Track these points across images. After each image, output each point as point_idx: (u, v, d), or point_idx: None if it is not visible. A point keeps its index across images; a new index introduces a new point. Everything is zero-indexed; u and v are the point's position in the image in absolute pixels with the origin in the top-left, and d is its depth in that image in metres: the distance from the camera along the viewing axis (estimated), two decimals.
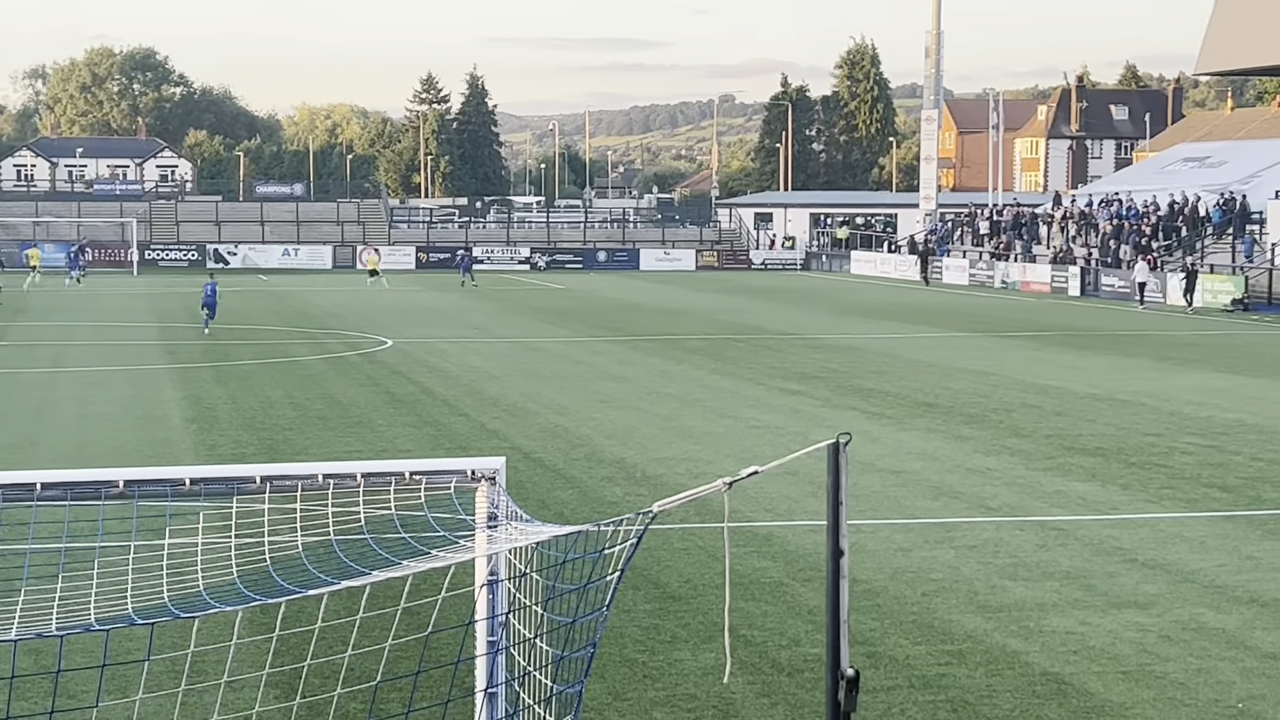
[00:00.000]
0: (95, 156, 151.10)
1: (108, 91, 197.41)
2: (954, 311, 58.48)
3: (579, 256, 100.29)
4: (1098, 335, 47.77)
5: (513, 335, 46.38)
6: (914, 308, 60.47)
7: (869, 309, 59.50)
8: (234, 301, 61.88)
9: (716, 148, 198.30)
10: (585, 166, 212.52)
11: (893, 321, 52.65)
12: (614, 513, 17.97)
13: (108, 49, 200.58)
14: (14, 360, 38.11)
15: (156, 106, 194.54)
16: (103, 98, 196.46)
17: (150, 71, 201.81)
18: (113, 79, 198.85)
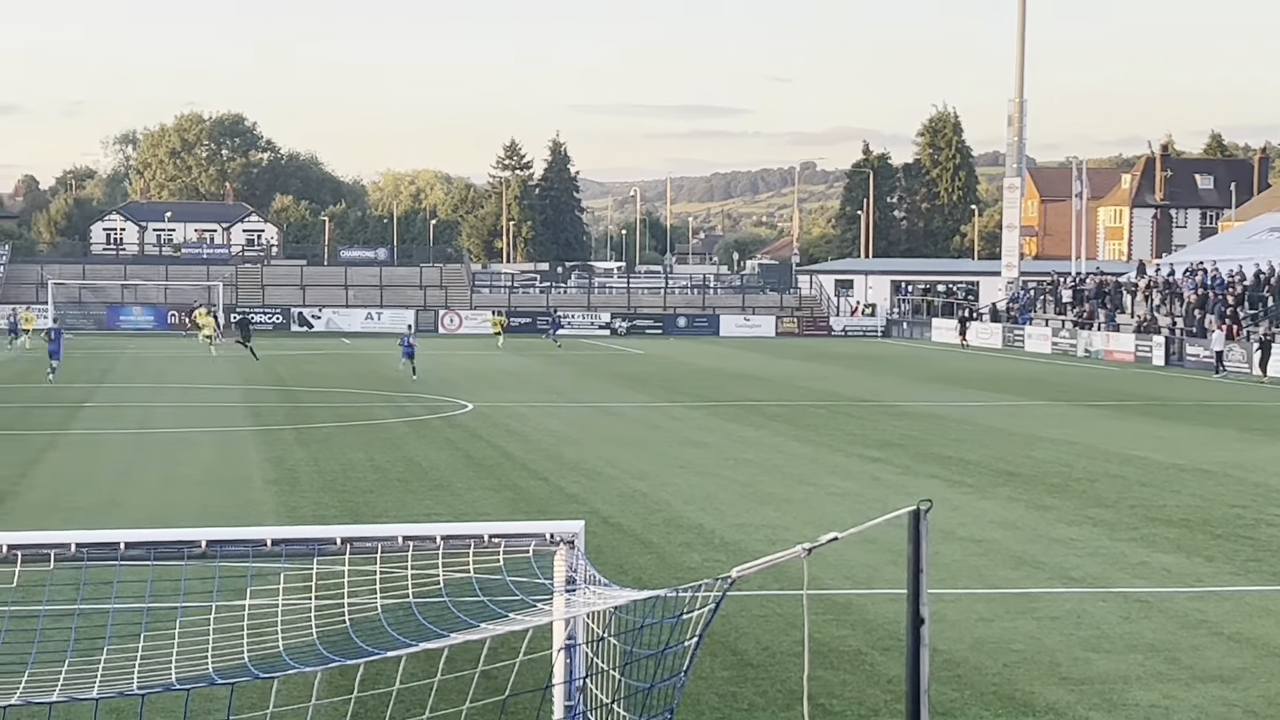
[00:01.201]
0: (183, 221, 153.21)
1: (196, 157, 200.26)
2: (1036, 380, 58.05)
3: (659, 322, 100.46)
4: (1182, 405, 47.26)
5: (592, 400, 46.46)
6: (996, 376, 60.10)
7: (950, 376, 59.18)
8: (317, 364, 62.42)
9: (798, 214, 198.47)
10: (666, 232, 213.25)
11: (974, 389, 52.33)
12: (692, 578, 17.92)
13: (197, 115, 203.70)
14: (101, 422, 38.56)
15: (244, 172, 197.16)
16: (191, 163, 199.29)
17: (238, 137, 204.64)
18: (201, 144, 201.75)
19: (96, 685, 7.64)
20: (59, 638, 10.56)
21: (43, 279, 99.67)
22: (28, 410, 41.06)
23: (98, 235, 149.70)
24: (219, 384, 51.78)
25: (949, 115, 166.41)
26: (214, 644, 8.39)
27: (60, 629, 11.67)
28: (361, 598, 9.10)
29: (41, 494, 25.95)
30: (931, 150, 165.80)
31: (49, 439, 34.02)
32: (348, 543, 8.34)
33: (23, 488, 26.72)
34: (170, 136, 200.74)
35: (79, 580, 12.10)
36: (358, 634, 8.22)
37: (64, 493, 26.25)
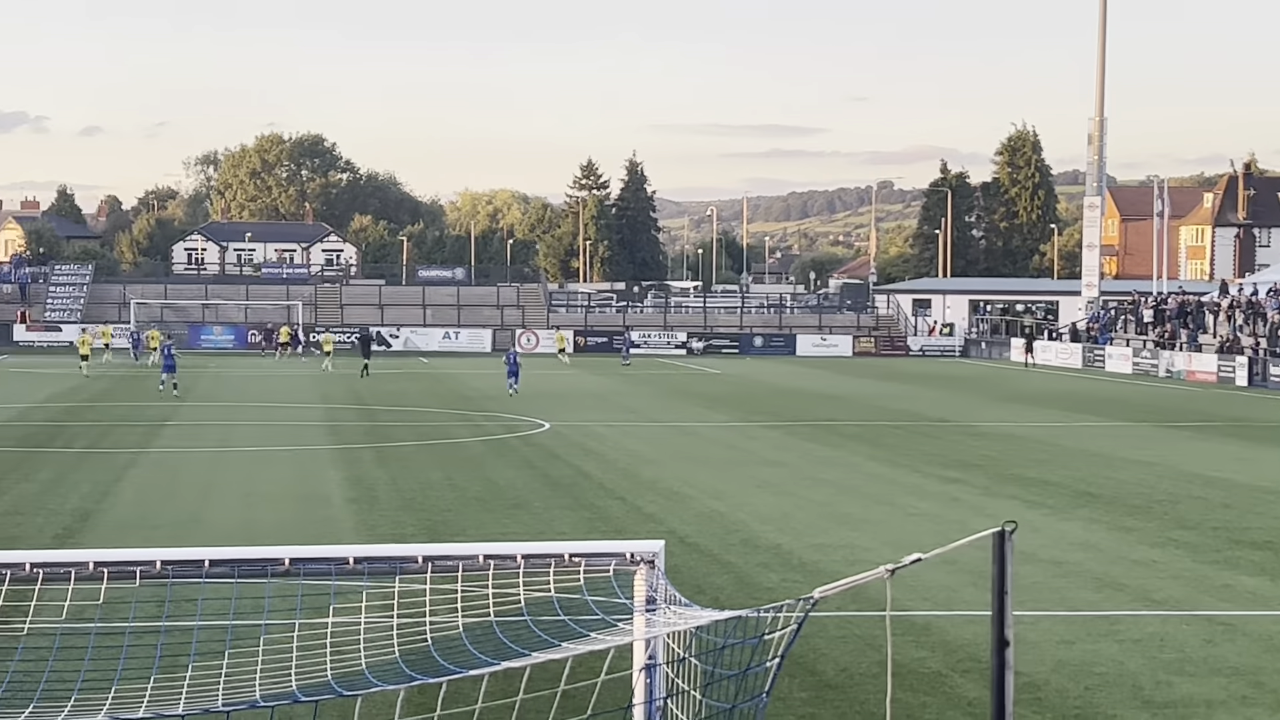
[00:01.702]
0: (263, 241, 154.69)
1: (276, 177, 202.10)
2: (1117, 400, 57.55)
3: (735, 341, 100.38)
4: (1266, 426, 46.70)
5: (669, 419, 46.47)
6: (1076, 396, 59.63)
7: (1029, 396, 58.77)
8: (396, 384, 62.77)
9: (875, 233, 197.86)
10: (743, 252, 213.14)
11: (1054, 409, 51.93)
12: (770, 599, 17.88)
13: (277, 136, 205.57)
14: (183, 440, 38.95)
15: (323, 192, 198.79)
16: (271, 183, 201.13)
17: (318, 158, 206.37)
18: (281, 165, 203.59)
19: (181, 703, 7.71)
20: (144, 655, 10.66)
21: (125, 298, 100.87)
22: (111, 428, 41.54)
23: (179, 255, 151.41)
24: (299, 402, 52.17)
25: (1028, 134, 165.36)
26: (297, 661, 8.44)
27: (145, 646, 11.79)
28: (442, 616, 9.13)
29: (124, 511, 26.24)
30: (1010, 169, 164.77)
31: (131, 457, 34.39)
32: (429, 561, 8.37)
33: (106, 505, 27.03)
34: (251, 157, 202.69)
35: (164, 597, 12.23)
36: (439, 652, 8.25)
37: (146, 510, 26.52)
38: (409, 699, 12.88)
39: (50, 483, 29.75)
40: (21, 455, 34.35)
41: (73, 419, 43.98)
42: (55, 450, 35.62)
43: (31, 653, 11.70)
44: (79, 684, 8.82)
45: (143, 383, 62.14)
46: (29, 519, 25.05)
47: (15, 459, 33.66)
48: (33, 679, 9.75)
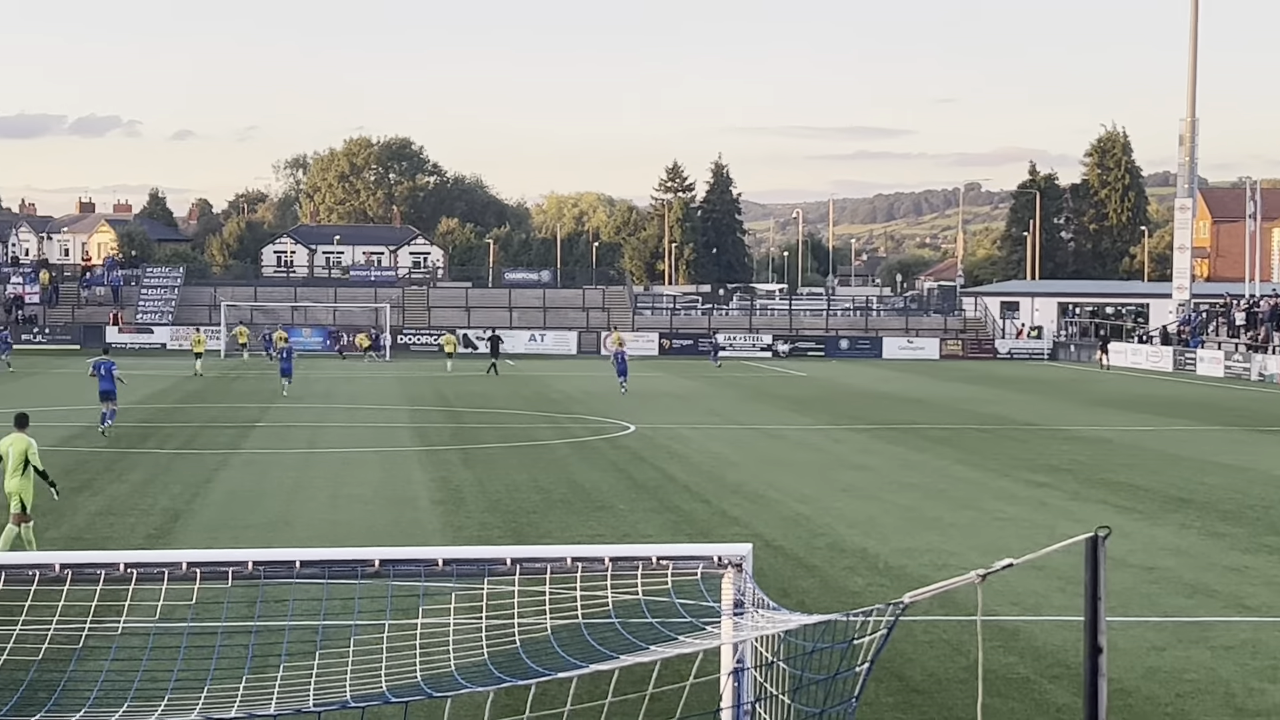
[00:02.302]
0: (351, 243, 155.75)
1: (364, 180, 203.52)
2: (1208, 404, 56.86)
3: (821, 344, 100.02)
4: None
5: (754, 422, 46.38)
6: (1166, 400, 58.98)
7: (1119, 400, 58.18)
8: (482, 386, 63.05)
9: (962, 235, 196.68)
10: (828, 254, 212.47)
11: (1144, 414, 51.39)
12: (856, 603, 17.81)
13: (365, 139, 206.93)
14: (271, 441, 39.31)
15: (411, 195, 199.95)
16: (360, 186, 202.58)
17: (405, 161, 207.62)
18: (370, 168, 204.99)
19: (273, 703, 7.77)
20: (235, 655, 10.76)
21: (215, 300, 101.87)
22: (202, 430, 41.99)
23: (268, 258, 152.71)
24: (386, 404, 52.50)
25: (1118, 135, 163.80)
26: (387, 662, 8.49)
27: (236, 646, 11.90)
28: (530, 618, 9.16)
29: (214, 512, 26.51)
30: (1100, 170, 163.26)
31: (222, 458, 34.74)
32: (517, 563, 8.40)
33: (196, 506, 27.32)
34: (339, 160, 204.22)
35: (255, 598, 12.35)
36: (527, 654, 8.27)
37: (236, 511, 26.78)
38: (496, 700, 12.93)
39: (142, 483, 30.11)
40: (114, 456, 34.79)
41: (164, 420, 44.47)
42: (147, 451, 36.04)
43: (125, 652, 11.84)
44: (171, 683, 8.92)
45: (233, 384, 62.78)
46: (121, 519, 25.37)
47: (108, 459, 34.10)
48: (126, 678, 9.87)
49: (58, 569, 8.58)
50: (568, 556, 8.46)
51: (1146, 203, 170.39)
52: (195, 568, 8.53)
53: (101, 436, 38.61)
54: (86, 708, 8.45)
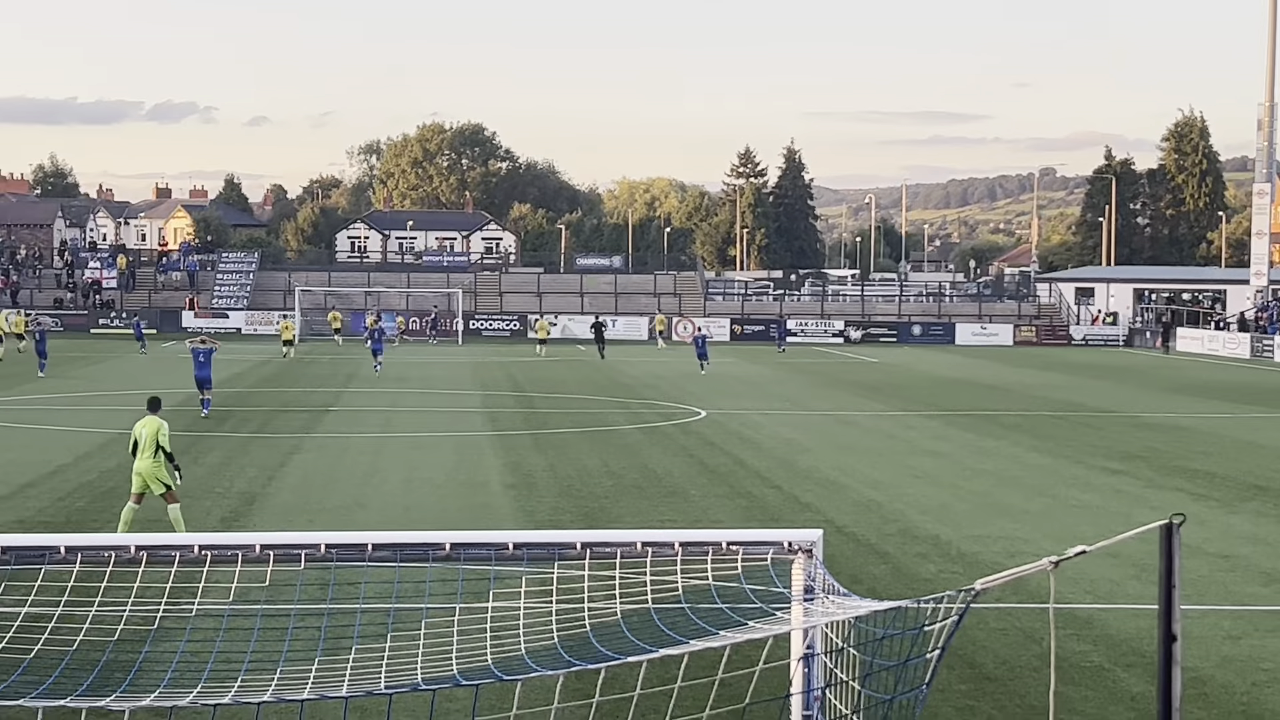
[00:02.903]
0: (424, 229, 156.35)
1: (437, 166, 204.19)
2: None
3: (893, 330, 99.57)
4: None
5: (825, 408, 46.25)
6: (1243, 387, 58.34)
7: (1195, 387, 57.60)
8: (553, 371, 63.20)
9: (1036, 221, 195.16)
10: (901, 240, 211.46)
11: (1221, 401, 50.85)
12: (927, 590, 17.73)
13: (439, 125, 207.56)
14: (346, 425, 39.55)
15: (483, 181, 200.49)
16: (433, 172, 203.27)
17: (478, 147, 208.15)
18: (442, 154, 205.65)
19: (345, 684, 7.82)
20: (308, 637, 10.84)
21: (290, 286, 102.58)
22: (277, 414, 42.30)
23: (342, 243, 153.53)
24: (458, 389, 52.70)
25: (1195, 120, 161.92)
26: (458, 645, 8.52)
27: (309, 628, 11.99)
28: (600, 603, 9.17)
29: (289, 495, 26.71)
30: (1177, 155, 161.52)
31: (296, 442, 34.99)
32: (588, 548, 8.41)
33: (271, 489, 27.54)
34: (413, 146, 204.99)
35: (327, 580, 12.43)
36: (598, 638, 8.28)
37: (310, 494, 26.97)
38: (566, 684, 12.97)
39: (218, 466, 30.39)
40: (191, 439, 35.10)
41: (240, 404, 44.82)
42: (223, 434, 36.35)
43: (199, 634, 11.96)
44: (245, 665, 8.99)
45: (307, 369, 63.20)
46: (197, 502, 25.59)
47: (185, 442, 34.39)
48: (200, 660, 9.96)
49: (133, 551, 8.67)
50: (638, 541, 8.46)
51: (1224, 188, 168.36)
52: (269, 550, 8.59)
53: (204, 419, 39.25)
54: (161, 688, 8.53)
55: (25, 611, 9.97)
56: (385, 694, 7.49)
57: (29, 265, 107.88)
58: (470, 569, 8.62)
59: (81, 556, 8.68)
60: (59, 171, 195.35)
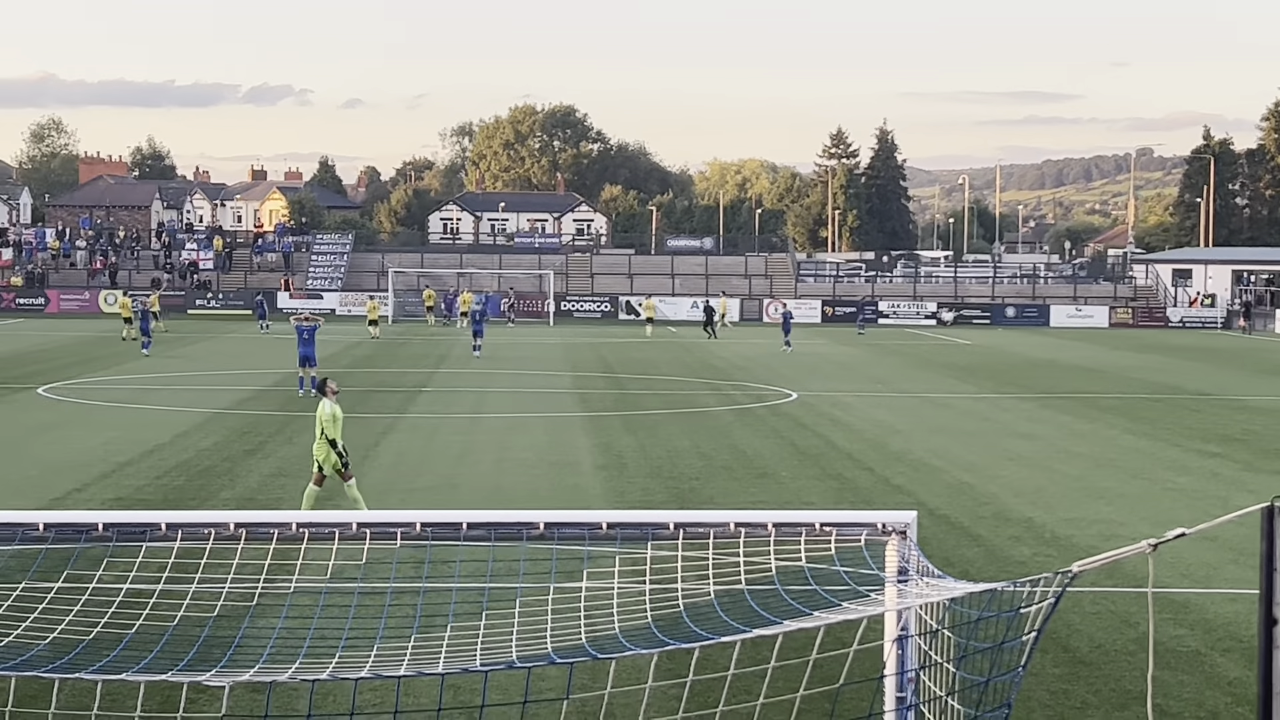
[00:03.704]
0: (516, 210, 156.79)
1: (529, 148, 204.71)
2: None
3: (986, 312, 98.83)
4: None
5: (918, 390, 46.01)
6: None
7: None
8: (644, 352, 63.27)
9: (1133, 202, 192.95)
10: (995, 221, 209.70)
11: None
12: (1021, 573, 17.61)
13: (530, 107, 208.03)
14: (438, 406, 39.81)
15: (575, 162, 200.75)
16: (524, 154, 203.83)
17: (570, 129, 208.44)
18: (534, 136, 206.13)
19: (440, 661, 7.89)
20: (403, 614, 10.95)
21: (383, 267, 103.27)
22: (370, 394, 42.63)
23: (435, 225, 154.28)
24: (549, 369, 52.88)
25: None
26: (552, 624, 8.57)
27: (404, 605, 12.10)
28: (692, 583, 9.19)
29: (382, 475, 26.93)
30: (1277, 135, 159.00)
31: (390, 422, 35.26)
32: (680, 528, 8.43)
33: (365, 468, 27.75)
34: (505, 128, 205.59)
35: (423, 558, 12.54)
36: (691, 618, 8.30)
37: (403, 474, 27.19)
38: (657, 665, 13.00)
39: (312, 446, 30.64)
40: (285, 419, 35.48)
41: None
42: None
43: (296, 610, 12.10)
44: (342, 642, 9.09)
45: (400, 349, 63.64)
46: (293, 481, 25.86)
47: (279, 422, 34.78)
48: (297, 636, 10.08)
49: (232, 528, 8.78)
50: (731, 522, 8.47)
51: None
52: (365, 528, 8.68)
53: (300, 398, 39.70)
54: (260, 664, 8.64)
55: (126, 588, 10.13)
56: (480, 671, 7.54)
57: (127, 246, 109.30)
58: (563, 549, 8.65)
59: (182, 533, 8.80)
60: (157, 154, 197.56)
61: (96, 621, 9.91)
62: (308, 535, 8.72)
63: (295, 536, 8.75)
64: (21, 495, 24.11)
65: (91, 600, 10.31)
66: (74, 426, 33.83)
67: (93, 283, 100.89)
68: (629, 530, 8.54)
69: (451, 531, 8.49)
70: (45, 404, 38.95)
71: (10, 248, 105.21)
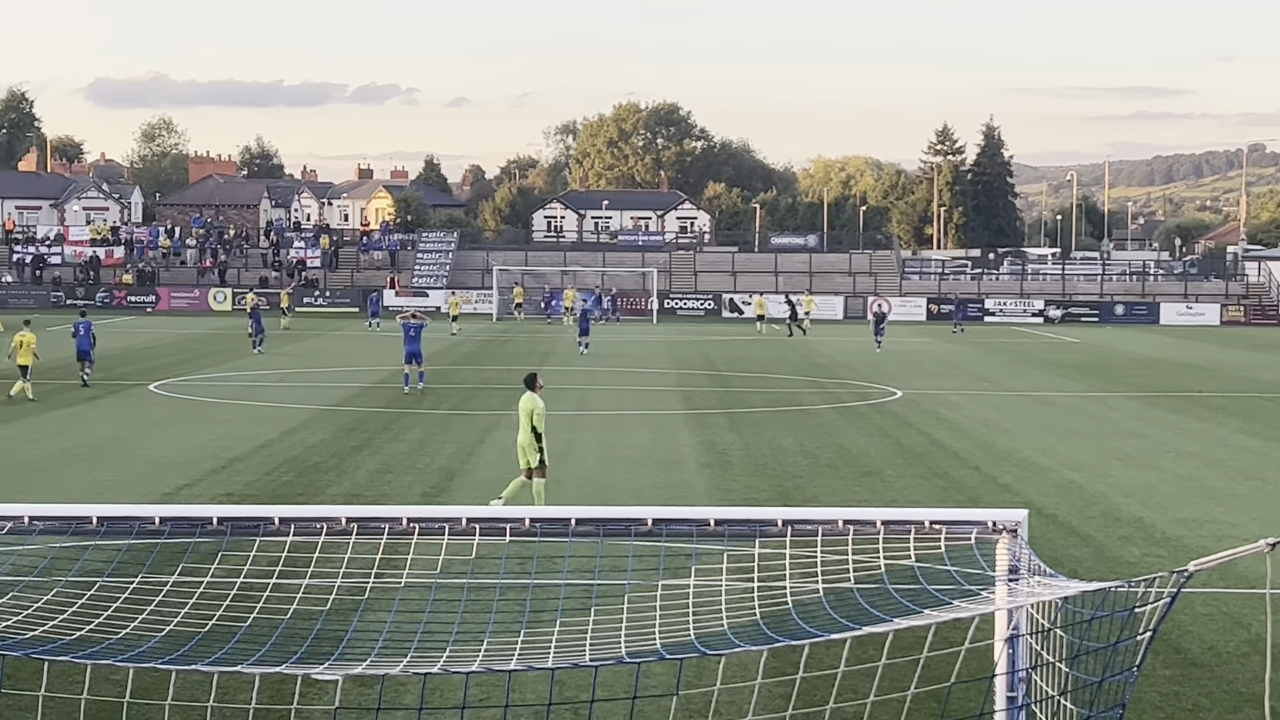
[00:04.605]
0: (619, 208, 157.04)
1: (633, 146, 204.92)
2: None
3: (1095, 309, 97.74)
4: None
5: (1025, 388, 45.59)
6: None
7: None
8: (748, 350, 63.18)
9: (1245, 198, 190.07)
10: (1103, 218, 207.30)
11: None
12: (1131, 573, 17.41)
13: (634, 105, 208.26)
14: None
15: (678, 160, 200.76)
16: (628, 152, 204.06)
17: (673, 126, 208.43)
18: (638, 134, 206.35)
19: (550, 656, 7.92)
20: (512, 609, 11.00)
21: (488, 265, 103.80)
22: (474, 391, 42.90)
23: (539, 223, 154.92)
24: (652, 367, 52.93)
25: None
26: (661, 620, 8.59)
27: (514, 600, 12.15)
28: (799, 580, 9.17)
29: (487, 472, 27.08)
30: None
31: (494, 419, 35.43)
32: (789, 525, 8.41)
33: (470, 465, 27.96)
34: (608, 126, 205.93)
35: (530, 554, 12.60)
36: (800, 616, 8.28)
37: (507, 470, 27.25)
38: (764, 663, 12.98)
39: (419, 443, 30.91)
40: (392, 415, 35.78)
41: (439, 381, 45.51)
42: (423, 411, 36.97)
43: (407, 604, 12.20)
44: (453, 636, 9.16)
45: (504, 347, 63.97)
46: (399, 477, 26.09)
47: (386, 419, 35.08)
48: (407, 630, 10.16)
49: (344, 522, 8.88)
50: (839, 519, 8.44)
51: None
52: (474, 523, 8.73)
53: (406, 395, 40.02)
54: (372, 657, 8.73)
55: (240, 582, 10.26)
56: (590, 666, 7.56)
57: (236, 245, 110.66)
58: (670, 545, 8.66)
59: (294, 528, 8.90)
60: (265, 153, 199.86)
61: (211, 615, 10.05)
62: (418, 530, 8.79)
63: (405, 531, 8.83)
64: (133, 490, 24.50)
65: (206, 594, 10.46)
66: (184, 423, 34.31)
67: (202, 281, 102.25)
68: (737, 527, 8.54)
69: (560, 527, 8.53)
70: (156, 400, 39.54)
71: (122, 246, 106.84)
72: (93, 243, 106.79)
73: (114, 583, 10.77)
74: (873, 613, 8.24)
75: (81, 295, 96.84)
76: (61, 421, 34.44)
